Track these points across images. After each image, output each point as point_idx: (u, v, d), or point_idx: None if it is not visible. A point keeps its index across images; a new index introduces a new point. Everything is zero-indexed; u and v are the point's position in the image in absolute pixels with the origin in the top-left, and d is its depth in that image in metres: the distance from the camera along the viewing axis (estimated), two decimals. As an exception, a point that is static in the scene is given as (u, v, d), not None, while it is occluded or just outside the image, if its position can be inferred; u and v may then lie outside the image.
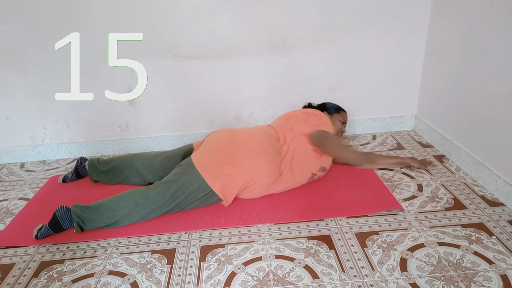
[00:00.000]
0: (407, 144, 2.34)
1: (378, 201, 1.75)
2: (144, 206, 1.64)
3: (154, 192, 1.66)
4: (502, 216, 1.62)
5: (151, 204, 1.64)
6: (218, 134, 1.87)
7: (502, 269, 1.35)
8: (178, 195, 1.66)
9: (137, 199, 1.64)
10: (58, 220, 1.62)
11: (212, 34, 2.21)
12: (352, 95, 2.42)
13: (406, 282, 1.32)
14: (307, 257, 1.46)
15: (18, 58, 2.18)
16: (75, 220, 1.60)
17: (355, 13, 2.22)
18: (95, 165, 1.99)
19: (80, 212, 1.61)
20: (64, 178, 2.09)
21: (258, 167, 1.73)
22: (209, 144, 1.81)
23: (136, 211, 1.64)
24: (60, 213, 1.63)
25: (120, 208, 1.63)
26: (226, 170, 1.69)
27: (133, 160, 1.95)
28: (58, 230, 1.64)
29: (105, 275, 1.44)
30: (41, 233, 1.62)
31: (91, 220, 1.62)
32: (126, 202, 1.64)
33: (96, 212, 1.62)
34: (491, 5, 1.71)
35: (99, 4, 2.10)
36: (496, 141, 1.75)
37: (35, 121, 2.35)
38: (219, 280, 1.38)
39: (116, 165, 1.96)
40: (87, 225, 1.62)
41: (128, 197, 1.65)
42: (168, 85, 2.31)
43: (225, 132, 1.88)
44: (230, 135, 1.84)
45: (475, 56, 1.85)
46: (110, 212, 1.62)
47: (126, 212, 1.63)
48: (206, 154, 1.76)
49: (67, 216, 1.62)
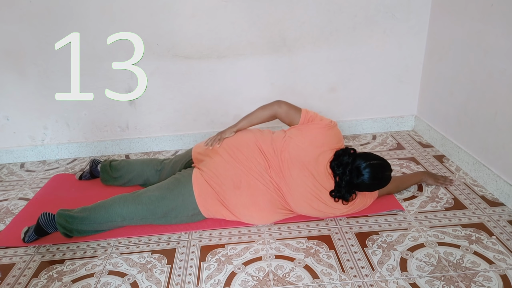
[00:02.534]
0: (407, 144, 2.34)
1: (378, 201, 1.74)
2: (132, 221, 1.62)
3: (144, 208, 1.59)
4: (502, 216, 1.62)
5: (139, 220, 1.62)
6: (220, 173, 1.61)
7: (502, 269, 1.35)
8: (170, 217, 1.62)
9: (125, 214, 1.59)
10: (42, 227, 1.59)
11: (212, 34, 2.21)
12: (352, 95, 2.42)
13: (406, 282, 1.32)
14: (307, 257, 1.46)
15: (18, 58, 2.18)
16: (61, 231, 1.58)
17: (355, 13, 2.22)
18: (106, 169, 1.98)
19: (65, 222, 1.57)
20: (81, 176, 2.10)
21: (258, 220, 1.65)
22: (211, 178, 1.60)
23: (123, 224, 1.63)
24: (44, 220, 1.58)
25: (106, 222, 1.60)
26: (223, 213, 1.62)
27: (143, 170, 1.91)
28: (44, 235, 1.62)
29: (105, 275, 1.44)
30: (28, 237, 1.61)
31: (78, 231, 1.59)
32: (113, 216, 1.59)
33: (82, 223, 1.58)
34: (491, 4, 1.71)
35: (99, 4, 2.10)
36: (496, 141, 1.75)
37: (35, 121, 2.35)
38: (219, 280, 1.38)
39: (125, 173, 1.94)
40: (75, 234, 1.60)
41: (115, 211, 1.58)
42: (168, 85, 2.31)
43: (228, 178, 1.60)
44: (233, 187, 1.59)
45: (475, 56, 1.85)
46: (96, 225, 1.60)
47: (112, 226, 1.62)
48: (207, 186, 1.60)
49: (51, 224, 1.59)
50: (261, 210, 1.59)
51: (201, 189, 1.59)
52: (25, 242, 1.61)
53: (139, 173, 1.92)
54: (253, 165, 1.59)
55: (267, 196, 1.58)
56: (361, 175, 1.49)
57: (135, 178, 1.93)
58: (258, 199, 1.57)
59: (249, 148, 1.63)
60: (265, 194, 1.57)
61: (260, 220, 1.64)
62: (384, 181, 1.56)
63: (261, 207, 1.58)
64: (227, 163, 1.62)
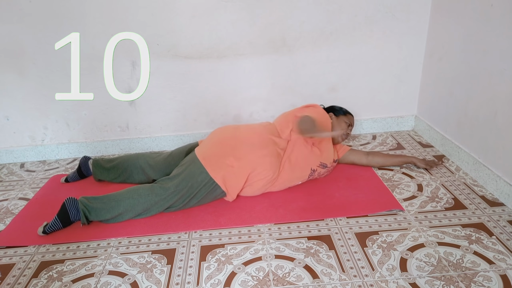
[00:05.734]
0: (407, 144, 2.34)
1: (378, 201, 1.75)
2: (148, 198, 1.67)
3: (158, 186, 1.71)
4: (502, 216, 1.62)
5: (155, 196, 1.68)
6: (221, 129, 1.92)
7: (502, 269, 1.35)
8: (181, 187, 1.69)
9: (141, 191, 1.69)
10: (66, 209, 1.66)
11: (212, 34, 2.21)
12: (352, 95, 2.42)
13: (406, 282, 1.32)
14: (307, 257, 1.46)
15: (18, 58, 2.18)
16: (81, 209, 1.65)
17: (355, 13, 2.22)
18: (99, 163, 2.01)
19: (86, 201, 1.67)
20: (67, 178, 2.09)
21: (260, 159, 1.75)
22: (212, 139, 1.86)
23: (140, 202, 1.67)
24: (69, 202, 1.68)
25: (124, 199, 1.67)
26: (228, 162, 1.72)
27: (137, 158, 1.97)
28: (65, 221, 1.67)
29: (105, 275, 1.44)
30: (49, 226, 1.65)
31: (96, 210, 1.66)
32: (130, 193, 1.69)
33: (101, 202, 1.67)
34: (491, 4, 1.71)
35: (99, 4, 2.10)
36: (496, 141, 1.75)
37: (35, 121, 2.35)
38: (219, 280, 1.38)
39: (120, 162, 1.98)
40: (92, 215, 1.66)
41: (132, 189, 1.70)
42: (168, 85, 2.31)
43: (228, 127, 1.92)
44: (232, 130, 1.88)
45: (475, 56, 1.85)
46: (114, 203, 1.66)
47: (130, 204, 1.67)
48: (209, 147, 1.80)
49: (75, 206, 1.67)
50: (259, 135, 1.82)
51: (204, 154, 1.75)
52: (46, 233, 1.65)
53: (133, 162, 1.95)
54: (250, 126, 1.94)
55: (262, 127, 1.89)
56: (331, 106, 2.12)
57: (130, 168, 1.95)
58: (255, 129, 1.87)
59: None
60: (260, 126, 1.90)
61: (260, 147, 1.76)
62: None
63: (258, 133, 1.84)
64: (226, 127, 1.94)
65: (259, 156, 1.75)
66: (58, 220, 1.66)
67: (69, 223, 1.68)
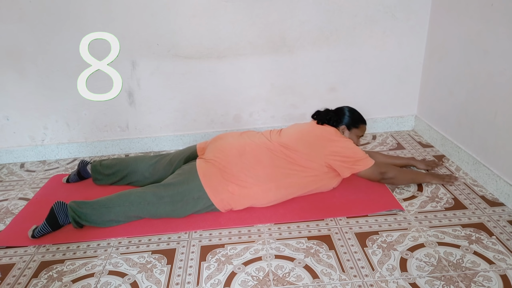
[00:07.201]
0: (407, 144, 2.34)
1: (378, 201, 1.75)
2: (139, 206, 1.64)
3: (151, 193, 1.65)
4: (502, 216, 1.62)
5: (147, 205, 1.64)
6: (225, 147, 1.75)
7: (502, 269, 1.35)
8: (176, 200, 1.64)
9: (133, 199, 1.64)
10: (54, 214, 1.63)
11: (212, 34, 2.21)
12: (352, 95, 2.42)
13: (406, 282, 1.32)
14: (307, 257, 1.46)
15: (18, 58, 2.18)
16: (70, 215, 1.62)
17: (355, 13, 2.22)
18: (97, 169, 1.99)
19: (76, 206, 1.63)
20: (68, 178, 2.09)
21: (264, 193, 1.70)
22: (215, 157, 1.72)
23: (131, 210, 1.64)
24: (57, 207, 1.65)
25: (114, 206, 1.64)
26: (230, 188, 1.66)
27: (137, 164, 1.93)
28: (54, 225, 1.64)
29: (105, 275, 1.44)
30: (37, 230, 1.63)
31: (86, 215, 1.63)
32: (121, 200, 1.65)
33: (91, 208, 1.63)
34: (492, 4, 1.71)
35: (99, 4, 2.10)
36: (496, 141, 1.75)
37: (35, 121, 2.35)
38: (219, 280, 1.38)
39: (119, 169, 1.95)
40: (82, 220, 1.63)
41: (123, 196, 1.66)
42: (168, 85, 2.31)
43: (233, 149, 1.73)
44: (237, 154, 1.71)
45: (475, 56, 1.85)
46: (104, 209, 1.63)
47: (120, 211, 1.64)
48: (211, 167, 1.69)
49: (63, 210, 1.64)
50: (265, 167, 1.69)
51: (205, 171, 1.67)
52: (34, 238, 1.62)
53: (133, 169, 1.92)
54: (257, 137, 1.79)
55: (269, 154, 1.71)
56: (341, 109, 1.91)
57: (130, 175, 1.93)
58: (261, 157, 1.70)
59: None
60: (267, 153, 1.72)
61: (265, 181, 1.67)
62: (357, 114, 1.90)
63: (265, 164, 1.69)
64: (232, 137, 1.80)
65: (264, 190, 1.69)
66: (47, 225, 1.63)
67: (58, 227, 1.66)
